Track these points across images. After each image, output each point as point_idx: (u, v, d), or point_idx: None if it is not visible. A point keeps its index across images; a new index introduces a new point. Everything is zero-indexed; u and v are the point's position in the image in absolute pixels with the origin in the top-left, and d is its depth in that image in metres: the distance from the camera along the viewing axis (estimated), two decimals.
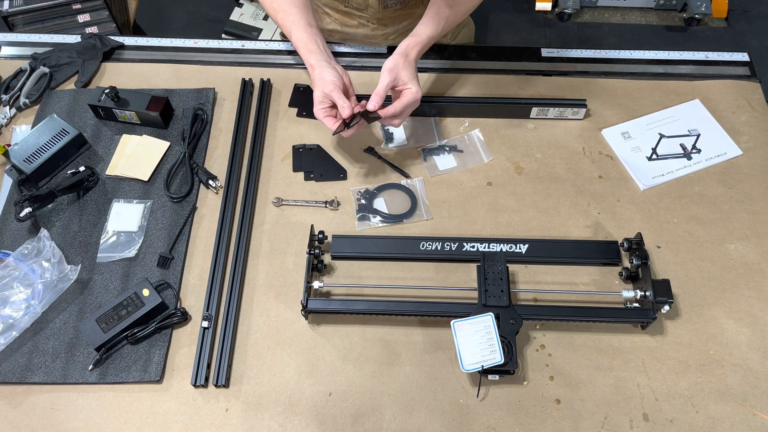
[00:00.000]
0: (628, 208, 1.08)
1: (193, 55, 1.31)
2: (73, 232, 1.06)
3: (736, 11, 2.65)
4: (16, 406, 0.91)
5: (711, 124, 1.17)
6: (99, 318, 0.94)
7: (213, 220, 1.07)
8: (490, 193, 1.11)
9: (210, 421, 0.90)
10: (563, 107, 1.17)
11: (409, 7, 1.23)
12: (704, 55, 1.29)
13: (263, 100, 1.21)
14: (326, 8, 1.27)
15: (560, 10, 2.62)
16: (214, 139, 1.18)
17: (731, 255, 1.03)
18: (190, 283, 1.02)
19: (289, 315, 0.98)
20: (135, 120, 1.17)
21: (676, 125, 1.17)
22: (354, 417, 0.90)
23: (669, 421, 0.89)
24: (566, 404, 0.90)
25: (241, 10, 2.41)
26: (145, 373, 0.93)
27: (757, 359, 0.93)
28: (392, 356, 0.95)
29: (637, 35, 2.60)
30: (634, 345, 0.95)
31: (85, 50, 1.28)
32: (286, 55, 1.30)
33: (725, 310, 0.98)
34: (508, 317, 0.91)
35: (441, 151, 1.15)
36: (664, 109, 1.20)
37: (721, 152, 1.14)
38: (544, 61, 1.28)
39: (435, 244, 1.02)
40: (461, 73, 1.26)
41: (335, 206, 1.09)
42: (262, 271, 1.03)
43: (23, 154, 1.09)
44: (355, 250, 1.03)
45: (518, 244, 1.02)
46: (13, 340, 0.95)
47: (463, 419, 0.89)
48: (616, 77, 1.25)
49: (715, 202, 1.09)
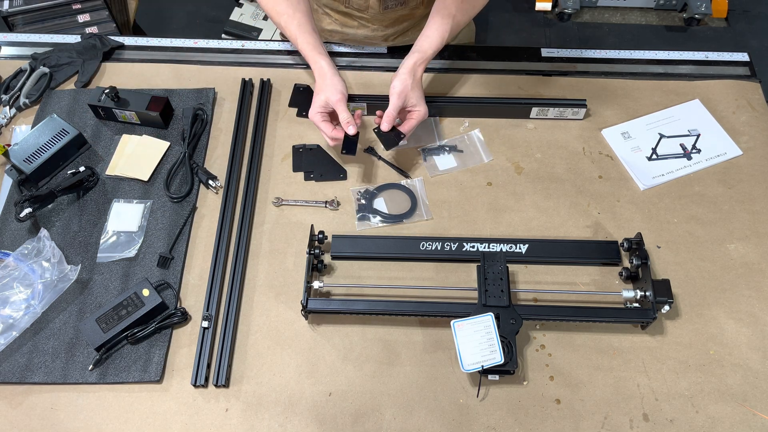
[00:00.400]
0: (628, 208, 1.08)
1: (193, 55, 1.31)
2: (73, 232, 1.06)
3: (736, 11, 2.65)
4: (16, 406, 0.91)
5: (711, 124, 1.17)
6: (99, 318, 0.94)
7: (213, 220, 1.07)
8: (490, 193, 1.11)
9: (210, 421, 0.90)
10: (563, 107, 1.17)
11: (409, 8, 1.23)
12: (704, 55, 1.29)
13: (263, 100, 1.21)
14: (326, 9, 1.27)
15: (560, 10, 2.62)
16: (214, 139, 1.18)
17: (731, 255, 1.03)
18: (190, 283, 1.02)
19: (289, 315, 0.98)
20: (135, 120, 1.17)
21: (676, 125, 1.17)
22: (354, 417, 0.90)
23: (669, 421, 0.89)
24: (566, 404, 0.90)
25: (241, 10, 2.41)
26: (145, 373, 0.93)
27: (757, 359, 0.93)
28: (392, 356, 0.95)
29: (637, 35, 2.60)
30: (634, 345, 0.95)
31: (85, 50, 1.28)
32: (286, 55, 1.30)
33: (725, 310, 0.98)
34: (508, 317, 0.91)
35: (441, 151, 1.15)
36: (664, 109, 1.20)
37: (721, 152, 1.14)
38: (544, 61, 1.28)
39: (435, 244, 1.02)
40: (461, 73, 1.26)
41: (335, 206, 1.09)
42: (262, 271, 1.03)
43: (23, 154, 1.09)
44: (355, 250, 1.03)
45: (518, 244, 1.02)
46: (13, 340, 0.95)
47: (463, 419, 0.89)
48: (616, 77, 1.25)
49: (715, 202, 1.09)
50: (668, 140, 1.15)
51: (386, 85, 1.07)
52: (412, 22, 1.28)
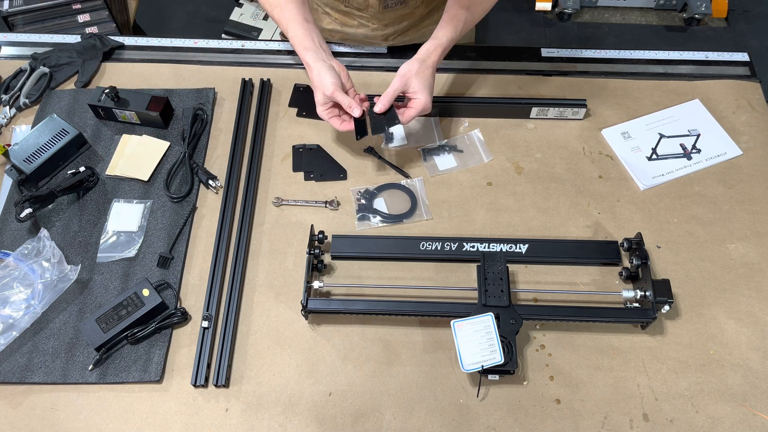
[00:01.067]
0: (628, 208, 1.08)
1: (193, 55, 1.31)
2: (73, 232, 1.06)
3: (736, 11, 2.65)
4: (16, 406, 0.91)
5: (711, 124, 1.17)
6: (99, 318, 0.94)
7: (213, 220, 1.07)
8: (490, 193, 1.11)
9: (210, 421, 0.90)
10: (563, 107, 1.17)
11: (409, 8, 1.23)
12: (704, 55, 1.29)
13: (263, 100, 1.21)
14: (326, 8, 1.27)
15: (560, 10, 2.62)
16: (214, 139, 1.18)
17: (731, 255, 1.03)
18: (190, 283, 1.02)
19: (289, 315, 0.98)
20: (135, 120, 1.17)
21: (676, 125, 1.17)
22: (354, 417, 0.90)
23: (669, 421, 0.89)
24: (566, 404, 0.90)
25: (241, 10, 2.42)
26: (145, 373, 0.93)
27: (757, 359, 0.93)
28: (392, 356, 0.95)
29: (637, 35, 2.60)
30: (634, 345, 0.95)
31: (85, 50, 1.28)
32: (286, 55, 1.30)
33: (725, 310, 0.98)
34: (508, 317, 0.91)
35: (441, 151, 1.15)
36: (664, 109, 1.20)
37: (721, 152, 1.14)
38: (544, 61, 1.28)
39: (435, 244, 1.02)
40: (461, 73, 1.26)
41: (335, 206, 1.09)
42: (262, 271, 1.03)
43: (23, 154, 1.09)
44: (355, 250, 1.03)
45: (518, 244, 1.02)
46: (13, 340, 0.95)
47: (463, 419, 0.89)
48: (616, 77, 1.25)
49: (715, 202, 1.09)
50: (668, 140, 1.16)
51: (386, 86, 1.07)
52: (412, 21, 1.28)
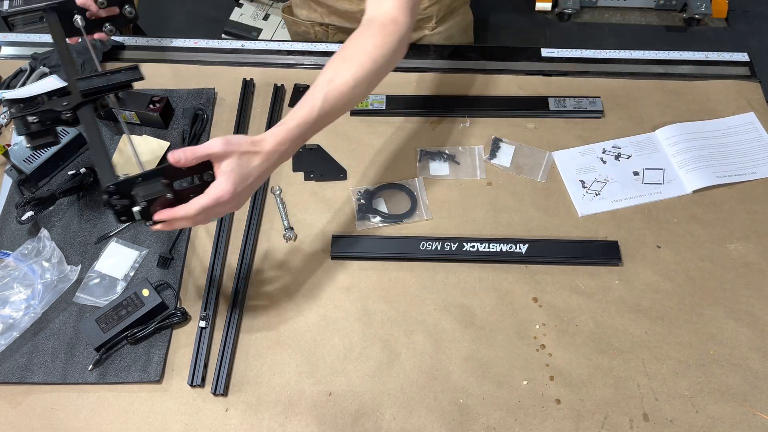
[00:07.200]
0: (628, 208, 1.08)
1: (193, 55, 1.31)
2: (73, 232, 1.06)
3: (736, 11, 2.64)
4: (16, 406, 0.91)
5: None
6: (99, 318, 0.94)
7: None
8: (490, 193, 1.10)
9: (210, 421, 0.90)
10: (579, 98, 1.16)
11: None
12: (704, 55, 1.28)
13: (276, 104, 1.20)
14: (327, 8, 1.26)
15: (560, 10, 2.62)
16: None
17: (731, 255, 1.03)
18: (190, 283, 1.02)
19: (290, 314, 0.98)
20: (135, 120, 1.17)
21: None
22: (354, 417, 0.90)
23: (669, 421, 0.89)
24: (566, 404, 0.90)
25: (241, 10, 2.41)
26: (144, 373, 0.93)
27: (757, 359, 0.93)
28: (392, 356, 0.95)
29: (637, 35, 2.60)
30: (634, 345, 0.95)
31: (85, 50, 1.28)
32: (286, 55, 1.30)
33: (725, 309, 0.98)
34: None
35: (438, 157, 1.14)
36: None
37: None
38: (544, 61, 1.28)
39: (435, 244, 1.02)
40: (461, 73, 1.26)
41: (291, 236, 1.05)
42: (262, 271, 1.02)
43: (23, 154, 1.09)
44: (355, 250, 1.03)
45: (518, 244, 1.02)
46: (13, 340, 0.95)
47: (463, 419, 0.89)
48: (616, 77, 1.25)
49: (715, 202, 1.08)
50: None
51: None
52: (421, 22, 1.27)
